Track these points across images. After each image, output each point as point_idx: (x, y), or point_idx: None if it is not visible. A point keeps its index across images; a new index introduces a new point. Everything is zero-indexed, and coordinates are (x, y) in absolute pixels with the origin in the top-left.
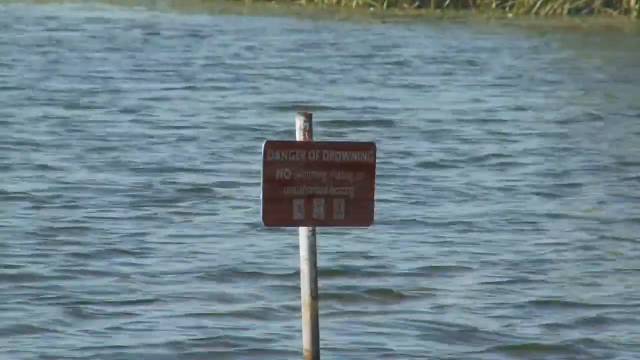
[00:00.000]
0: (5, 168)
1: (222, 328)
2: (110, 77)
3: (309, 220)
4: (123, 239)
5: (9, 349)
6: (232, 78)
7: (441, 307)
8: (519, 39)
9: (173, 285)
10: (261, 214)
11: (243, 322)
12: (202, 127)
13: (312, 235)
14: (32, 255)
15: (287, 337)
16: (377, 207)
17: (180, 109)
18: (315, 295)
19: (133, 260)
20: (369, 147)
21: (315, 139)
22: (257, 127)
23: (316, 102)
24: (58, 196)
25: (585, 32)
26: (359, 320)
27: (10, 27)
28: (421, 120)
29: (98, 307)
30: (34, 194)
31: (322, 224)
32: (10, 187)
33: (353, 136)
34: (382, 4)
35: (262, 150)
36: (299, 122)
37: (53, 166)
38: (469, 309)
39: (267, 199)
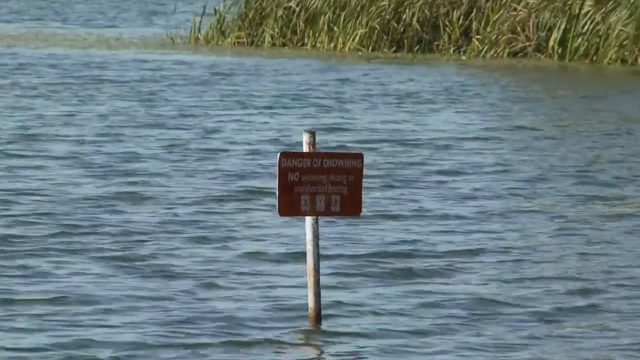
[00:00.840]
0: (130, 174)
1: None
2: (188, 107)
3: (313, 212)
4: (213, 228)
5: (136, 317)
6: (275, 106)
7: (440, 279)
8: (473, 75)
9: (245, 265)
10: (277, 207)
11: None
12: (259, 143)
13: (315, 223)
14: (154, 240)
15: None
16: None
17: (244, 129)
18: (317, 268)
19: (215, 244)
20: (358, 157)
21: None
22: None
23: (338, 124)
24: (165, 196)
25: (521, 71)
26: (363, 289)
27: (94, 69)
28: (419, 138)
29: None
30: (145, 194)
31: (323, 214)
32: (138, 189)
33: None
34: (368, 48)
35: (277, 159)
36: (305, 137)
37: (161, 173)
38: (462, 280)
39: (281, 196)
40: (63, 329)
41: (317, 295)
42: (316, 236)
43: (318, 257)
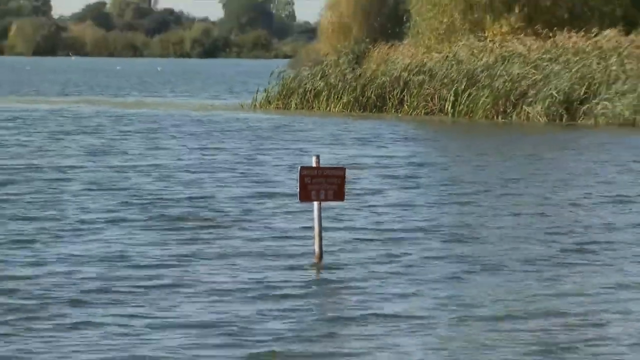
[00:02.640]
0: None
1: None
2: (256, 141)
3: (317, 199)
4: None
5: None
6: (297, 141)
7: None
8: (404, 125)
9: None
10: (298, 196)
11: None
12: (289, 161)
13: (319, 205)
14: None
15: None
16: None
17: (283, 152)
18: (320, 230)
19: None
20: (342, 169)
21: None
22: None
23: (335, 151)
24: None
25: (430, 123)
26: (351, 245)
27: (211, 123)
28: (377, 164)
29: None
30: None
31: (323, 200)
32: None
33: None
34: (347, 110)
35: (298, 170)
36: (314, 158)
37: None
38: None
39: (300, 190)
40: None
41: (320, 245)
42: (319, 213)
43: (321, 225)
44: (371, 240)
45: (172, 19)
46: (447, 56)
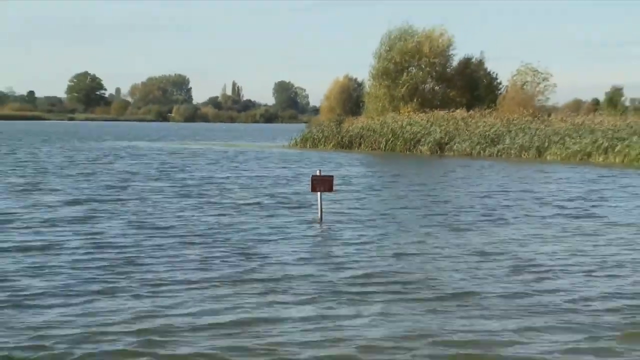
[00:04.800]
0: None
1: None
2: (287, 162)
3: (320, 190)
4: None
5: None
6: (307, 163)
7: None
8: (365, 157)
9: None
10: (310, 188)
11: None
12: (305, 173)
13: (321, 194)
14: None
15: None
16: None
17: (299, 167)
18: (321, 208)
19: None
20: (332, 176)
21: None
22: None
23: (331, 168)
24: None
25: (374, 154)
26: (344, 217)
27: (264, 155)
28: (359, 180)
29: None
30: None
31: (323, 191)
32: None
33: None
34: (335, 148)
35: (310, 176)
36: (317, 171)
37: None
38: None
39: (312, 185)
40: None
41: (321, 214)
42: (321, 198)
43: (321, 205)
44: (350, 215)
45: (250, 104)
46: (381, 122)
